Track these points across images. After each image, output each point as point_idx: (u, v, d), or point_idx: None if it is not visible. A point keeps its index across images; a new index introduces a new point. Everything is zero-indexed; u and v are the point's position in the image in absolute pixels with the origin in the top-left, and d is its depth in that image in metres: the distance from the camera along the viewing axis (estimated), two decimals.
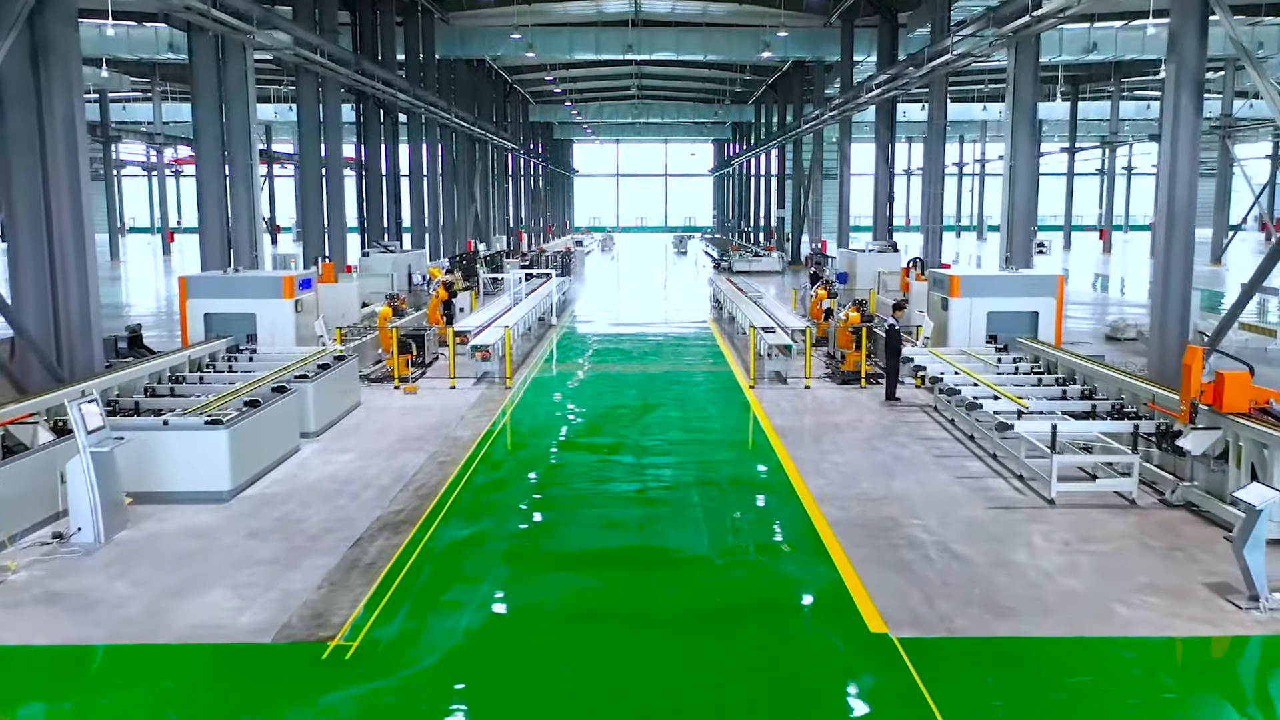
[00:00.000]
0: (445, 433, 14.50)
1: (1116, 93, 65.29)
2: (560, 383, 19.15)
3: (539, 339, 24.84)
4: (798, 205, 53.00)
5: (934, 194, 27.49)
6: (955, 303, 16.76)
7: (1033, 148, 21.27)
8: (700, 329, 27.12)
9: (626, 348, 23.62)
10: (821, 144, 47.26)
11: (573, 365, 21.24)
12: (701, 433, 14.79)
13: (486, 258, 39.29)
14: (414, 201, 38.85)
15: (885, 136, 33.97)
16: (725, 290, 29.16)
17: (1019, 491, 11.55)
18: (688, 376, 19.57)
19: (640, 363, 21.31)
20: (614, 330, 27.09)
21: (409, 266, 28.98)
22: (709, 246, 66.91)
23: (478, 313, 24.47)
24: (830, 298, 23.45)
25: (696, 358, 22.07)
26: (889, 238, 33.79)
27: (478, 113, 49.25)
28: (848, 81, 39.50)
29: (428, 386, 18.03)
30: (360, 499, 11.22)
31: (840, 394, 17.50)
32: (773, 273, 47.38)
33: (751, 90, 64.72)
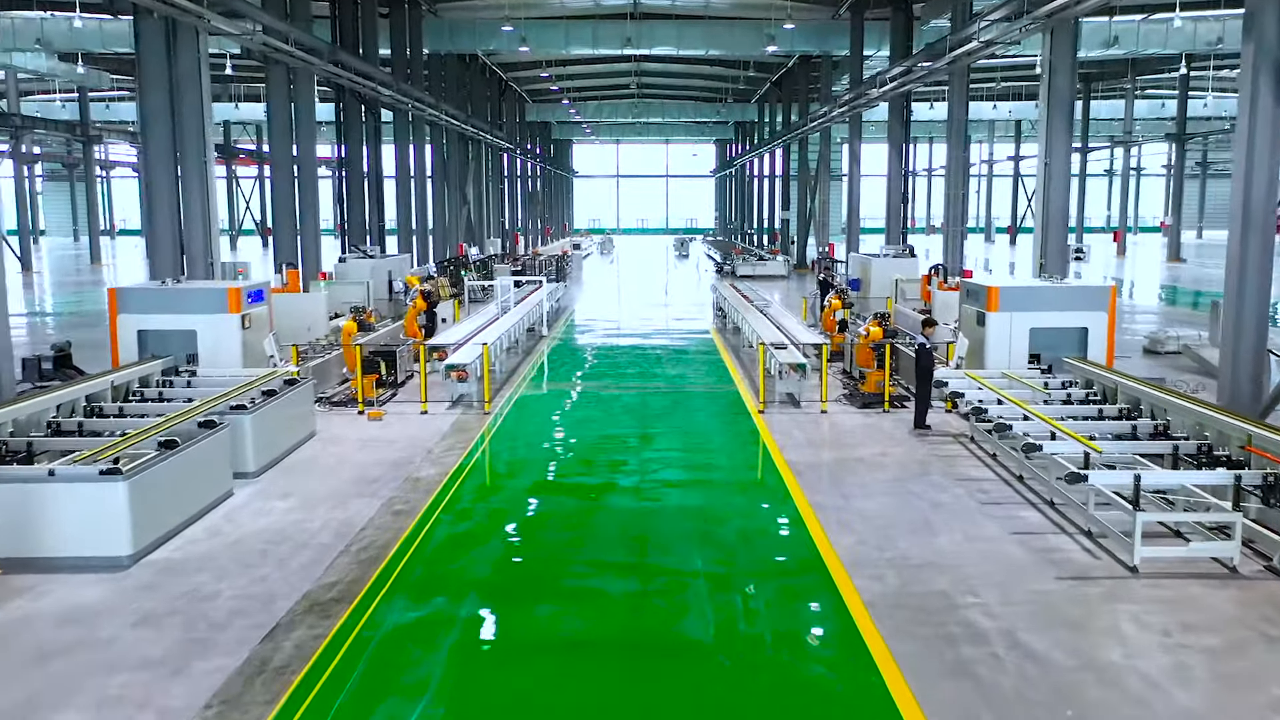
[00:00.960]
0: (408, 471, 12.50)
1: (1131, 91, 63.28)
2: (547, 406, 17.13)
3: (528, 352, 22.84)
4: (803, 207, 51.00)
5: (957, 195, 25.49)
6: (993, 318, 14.74)
7: (1069, 144, 19.27)
8: (703, 340, 25.12)
9: (623, 363, 21.60)
10: (829, 143, 45.27)
11: (563, 384, 19.23)
12: (705, 470, 12.79)
13: (476, 262, 37.30)
14: (400, 203, 36.90)
15: (899, 134, 31.97)
16: (729, 298, 27.17)
17: (1090, 554, 9.53)
18: (689, 398, 17.55)
19: (637, 381, 19.29)
20: (610, 341, 25.09)
21: (389, 273, 27.00)
22: (711, 249, 64.96)
23: (460, 324, 22.48)
24: (845, 308, 21.43)
25: (699, 375, 20.06)
26: (903, 241, 31.81)
27: (470, 111, 47.28)
28: (857, 76, 37.49)
29: (396, 411, 16.02)
30: (289, 565, 9.21)
31: (861, 420, 15.48)
32: (778, 277, 45.38)
33: (755, 88, 62.74)
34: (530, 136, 74.16)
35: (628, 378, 19.73)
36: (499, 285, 25.33)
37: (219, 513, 10.71)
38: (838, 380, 18.47)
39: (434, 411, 15.96)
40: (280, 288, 20.50)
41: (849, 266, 30.33)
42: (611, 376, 19.92)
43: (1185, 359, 21.00)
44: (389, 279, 26.80)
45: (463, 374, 16.19)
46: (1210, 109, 69.09)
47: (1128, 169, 68.09)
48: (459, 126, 41.77)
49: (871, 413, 15.98)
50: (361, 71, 28.05)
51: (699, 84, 64.84)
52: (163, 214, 18.15)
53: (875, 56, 41.31)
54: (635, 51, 41.89)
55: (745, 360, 21.45)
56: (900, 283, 23.80)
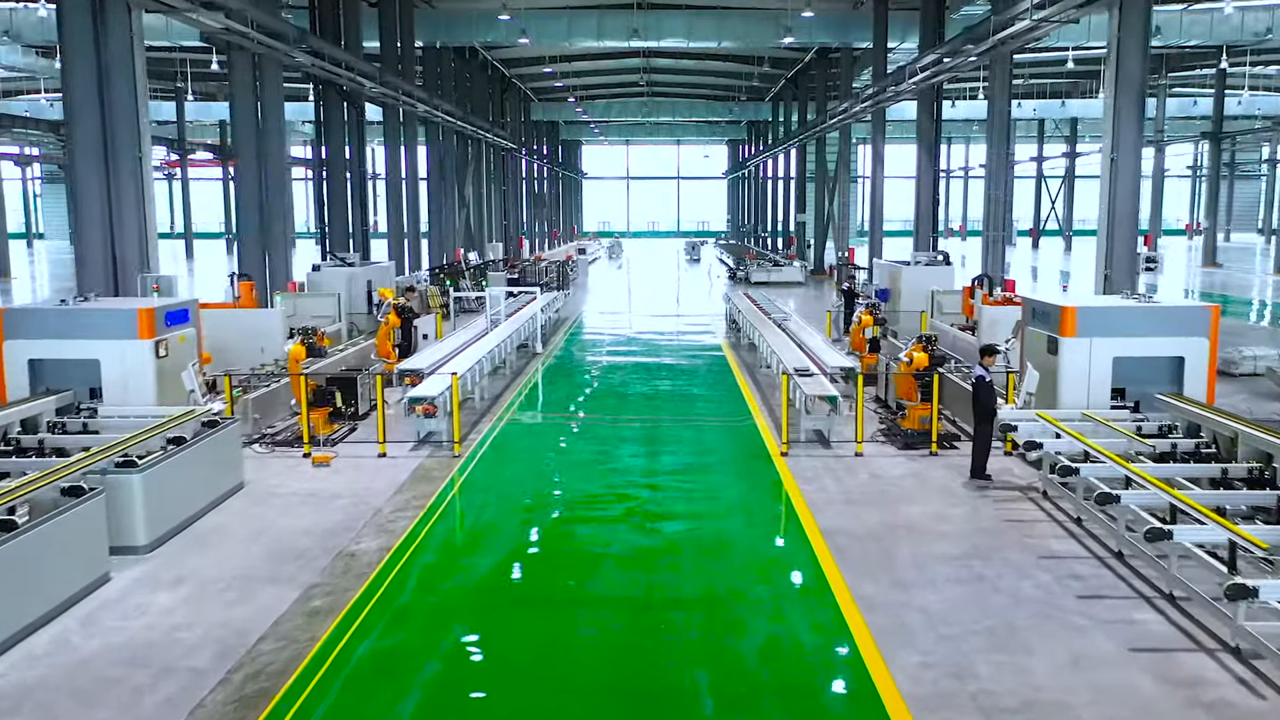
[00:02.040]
0: (344, 542, 9.94)
1: (1164, 88, 60.38)
2: (531, 446, 14.52)
3: (517, 373, 20.29)
4: (821, 209, 48.35)
5: (998, 196, 22.81)
6: (1069, 345, 12.08)
7: (1139, 137, 16.63)
8: (715, 358, 22.51)
9: (624, 387, 19.00)
10: (849, 142, 42.60)
11: (553, 415, 16.67)
12: (718, 543, 10.17)
13: (470, 269, 34.74)
14: (391, 206, 34.45)
15: (929, 131, 29.30)
16: (744, 310, 24.57)
17: (1248, 687, 6.90)
18: (700, 435, 14.93)
19: (640, 413, 16.68)
20: (611, 360, 22.50)
21: (369, 283, 24.48)
22: (723, 253, 62.33)
23: (442, 342, 19.94)
24: (876, 324, 18.82)
25: (711, 403, 17.45)
26: (934, 247, 29.12)
27: (470, 109, 44.82)
28: (881, 69, 34.84)
29: (350, 454, 13.48)
30: (139, 709, 6.67)
31: (905, 466, 12.86)
32: (794, 284, 42.75)
33: (769, 86, 60.10)
34: (536, 137, 71.69)
35: (628, 407, 17.13)
36: (490, 296, 22.76)
37: (80, 611, 8.18)
38: (872, 411, 15.84)
39: (394, 454, 13.40)
40: (232, 302, 18.01)
41: (874, 274, 27.68)
42: (610, 406, 17.32)
43: (1268, 383, 18.32)
44: (369, 289, 24.27)
45: (430, 408, 13.63)
46: (1243, 107, 66.21)
47: (1160, 170, 65.09)
48: (455, 124, 39.29)
49: (916, 455, 13.35)
50: (340, 61, 25.58)
51: (711, 81, 62.25)
52: (92, 219, 15.71)
53: (899, 49, 38.70)
54: (643, 44, 39.32)
55: (763, 383, 18.86)
56: (937, 295, 21.15)
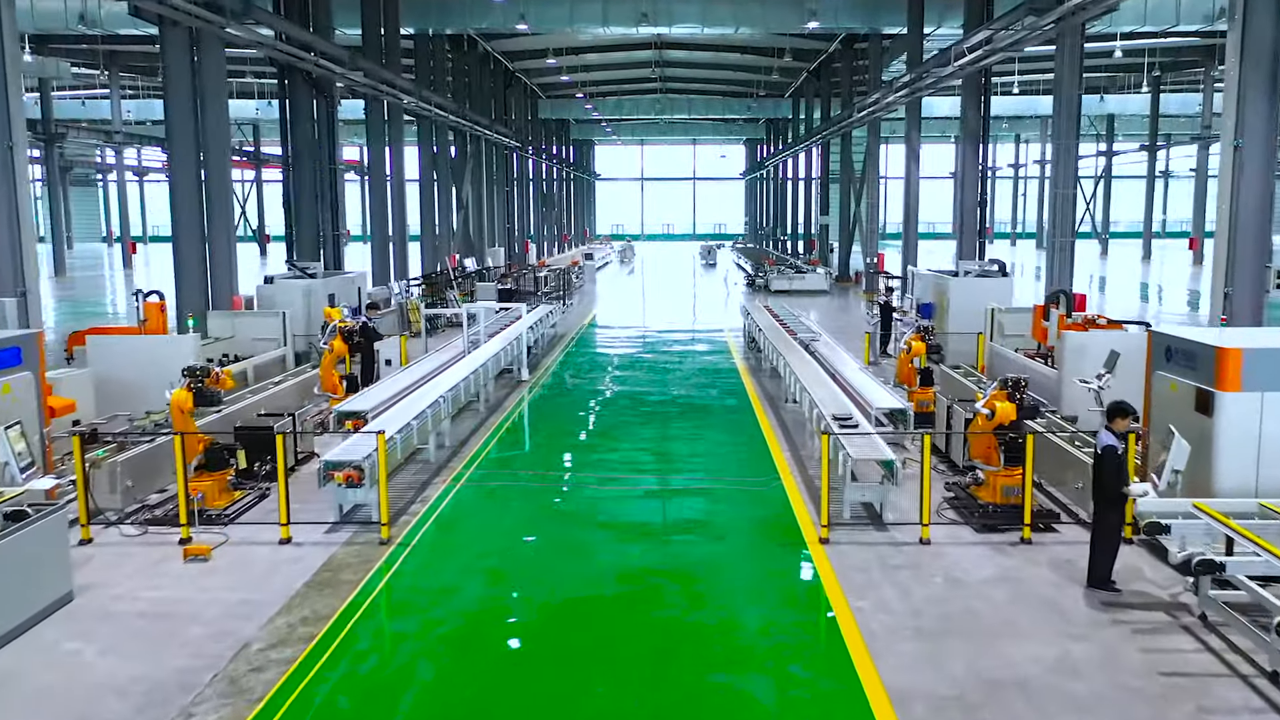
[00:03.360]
0: (169, 715, 6.61)
1: (1209, 81, 56.49)
2: (489, 526, 11.02)
3: (494, 408, 16.92)
4: (846, 211, 44.83)
5: (1066, 196, 19.30)
6: (1232, 402, 8.62)
7: (1273, 118, 13.10)
8: (732, 386, 19.10)
9: (620, 431, 15.54)
10: (878, 137, 39.09)
11: (526, 474, 13.26)
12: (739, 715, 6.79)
13: (458, 279, 31.41)
14: (374, 209, 31.24)
15: (975, 122, 25.79)
16: (765, 327, 21.14)
17: None
18: (713, 509, 11.46)
19: (638, 467, 13.27)
20: (610, 390, 19.12)
21: (332, 298, 21.22)
22: (741, 258, 58.85)
23: (404, 370, 16.62)
24: (930, 352, 15.36)
25: (729, 456, 13.97)
26: (981, 253, 25.62)
27: (469, 104, 41.58)
28: (916, 55, 31.35)
29: (244, 539, 10.12)
30: None
31: (991, 562, 9.41)
32: (818, 293, 39.25)
33: (790, 80, 56.59)
34: (545, 135, 68.46)
35: (625, 460, 13.73)
36: (466, 313, 19.41)
37: None
38: (933, 468, 12.37)
39: (303, 539, 10.03)
40: (136, 327, 14.73)
41: (915, 286, 24.17)
42: (601, 459, 13.92)
43: None
44: (330, 304, 21.00)
45: (354, 476, 10.28)
46: None
47: (1204, 169, 61.28)
48: (449, 119, 36.03)
49: (1003, 542, 9.90)
50: (305, 44, 22.36)
51: (728, 76, 58.82)
52: None
53: (934, 35, 35.15)
54: (654, 30, 35.98)
55: (790, 422, 15.45)
56: (997, 314, 17.64)
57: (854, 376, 15.41)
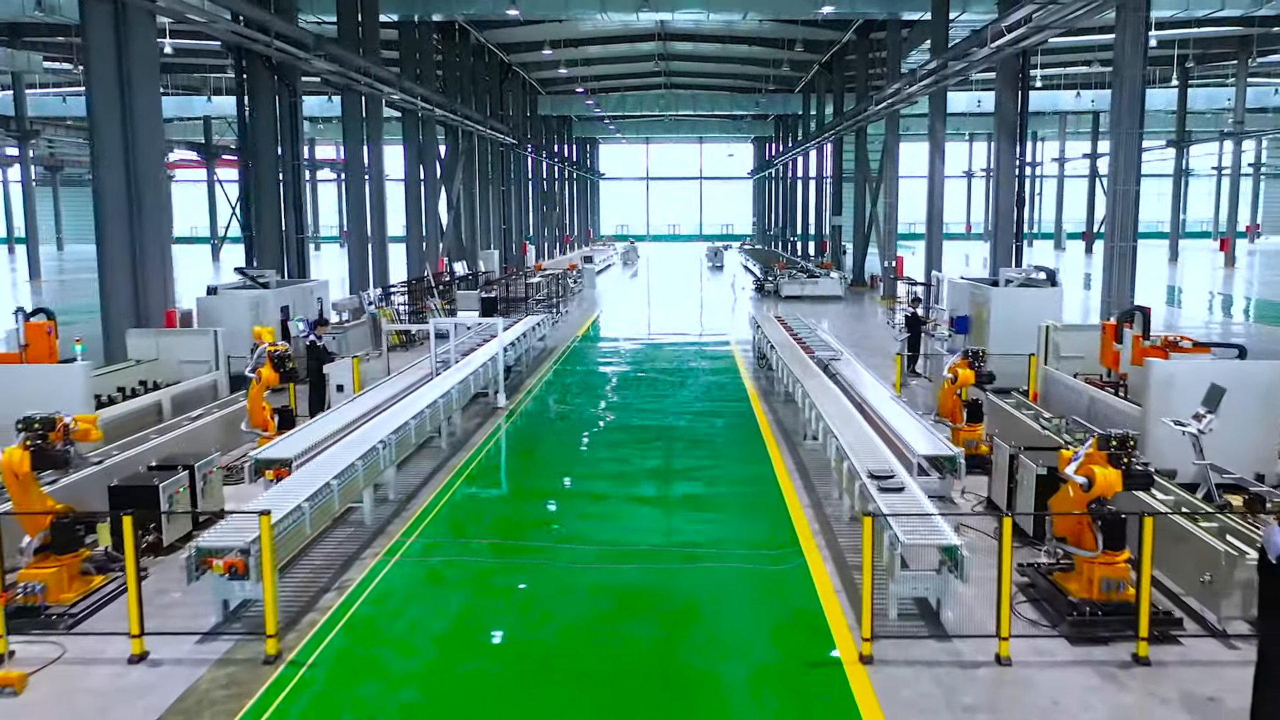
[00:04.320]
0: None
1: (1243, 74, 53.70)
2: (416, 637, 8.26)
3: (458, 445, 14.37)
4: (861, 211, 42.21)
5: (1127, 193, 16.68)
6: None
7: None
8: (740, 415, 16.53)
9: (605, 483, 12.91)
10: (897, 132, 36.44)
11: (481, 546, 10.67)
12: None
13: (439, 286, 28.83)
14: (352, 209, 28.75)
15: (1010, 112, 23.15)
16: (778, 343, 18.54)
17: None
18: (720, 607, 8.81)
19: (626, 535, 10.70)
20: (599, 421, 16.55)
21: (285, 310, 18.72)
22: (749, 259, 56.19)
23: (356, 399, 14.08)
24: (982, 382, 12.76)
25: (739, 520, 11.34)
26: (1019, 259, 23.00)
27: (460, 97, 39.06)
28: (941, 40, 28.77)
29: (85, 652, 7.58)
30: None
31: (1100, 699, 6.80)
32: (832, 298, 36.63)
33: (800, 74, 53.99)
34: (546, 133, 65.90)
35: (606, 519, 11.16)
36: (433, 330, 16.85)
37: None
38: (992, 535, 9.80)
39: (166, 652, 7.49)
40: (14, 354, 12.21)
41: (946, 295, 21.55)
42: (576, 522, 11.34)
43: None
44: (284, 318, 18.51)
45: (237, 564, 7.73)
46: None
47: (1238, 165, 58.57)
48: (435, 113, 33.50)
49: (1110, 661, 7.31)
50: (258, 23, 19.87)
51: (735, 69, 56.20)
52: None
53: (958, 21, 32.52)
54: (655, 17, 33.49)
55: (809, 464, 12.89)
56: (1052, 332, 15.03)
57: (886, 408, 12.84)
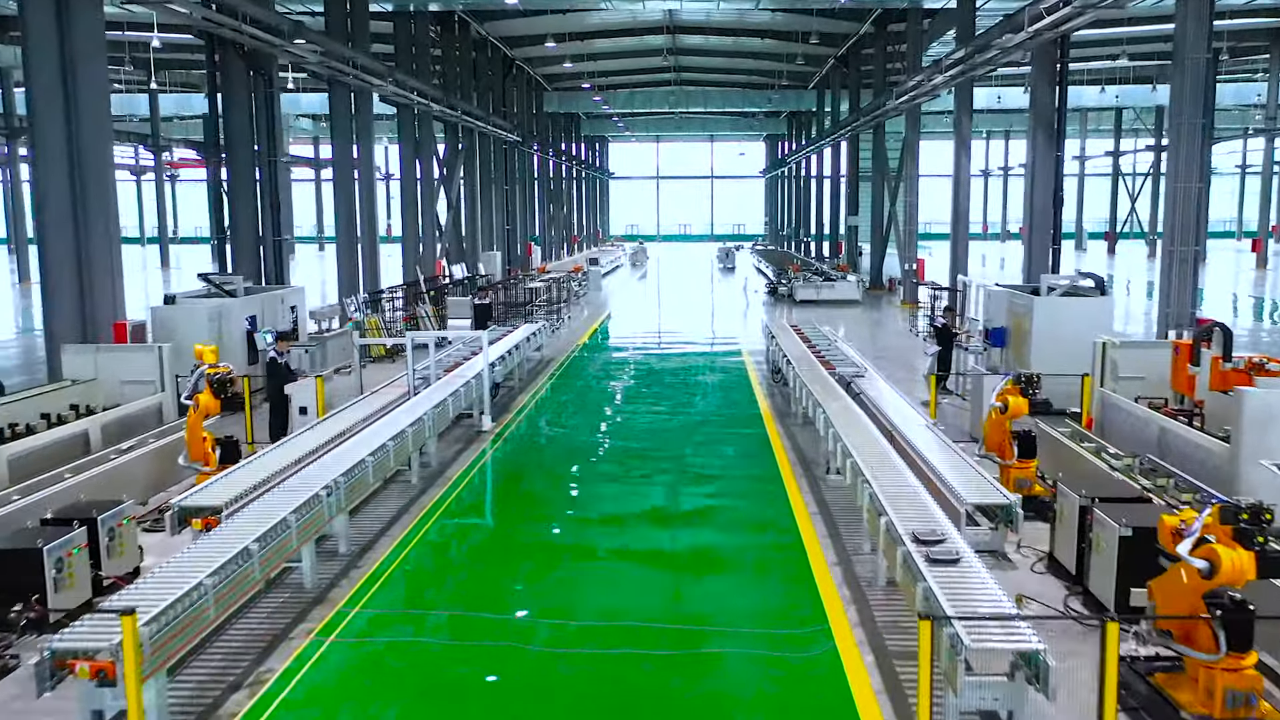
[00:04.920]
0: None
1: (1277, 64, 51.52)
2: None
3: (430, 480, 12.62)
4: (879, 211, 40.36)
5: (1188, 191, 14.82)
6: None
7: None
8: (755, 443, 14.75)
9: (597, 528, 11.12)
10: (918, 127, 34.57)
11: (439, 622, 8.89)
12: None
13: (431, 291, 27.07)
14: (340, 209, 27.05)
15: (1047, 105, 21.27)
16: (794, 357, 16.73)
17: None
18: (728, 716, 7.09)
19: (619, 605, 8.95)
20: (593, 449, 14.81)
21: (252, 321, 17.02)
22: (761, 261, 54.33)
23: (318, 425, 12.35)
24: (1034, 409, 10.93)
25: (754, 583, 9.57)
26: (1056, 263, 21.13)
27: (462, 93, 37.36)
28: (968, 29, 26.95)
29: None
30: None
31: None
32: (849, 303, 34.79)
33: (814, 69, 52.10)
34: (553, 131, 64.19)
35: (596, 583, 9.42)
36: (410, 344, 15.11)
37: None
38: (1063, 610, 8.01)
39: None
40: None
41: (979, 303, 19.69)
42: (559, 588, 9.57)
43: None
44: (250, 330, 16.81)
45: (105, 668, 6.00)
46: None
47: (1270, 162, 56.38)
48: (431, 108, 31.82)
49: None
50: (225, 5, 18.16)
51: (747, 65, 54.30)
52: None
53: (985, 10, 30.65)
54: (663, 6, 31.66)
55: (833, 506, 11.11)
56: (1110, 349, 13.20)
57: (921, 439, 11.04)
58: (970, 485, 9.35)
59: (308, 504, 8.90)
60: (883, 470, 9.77)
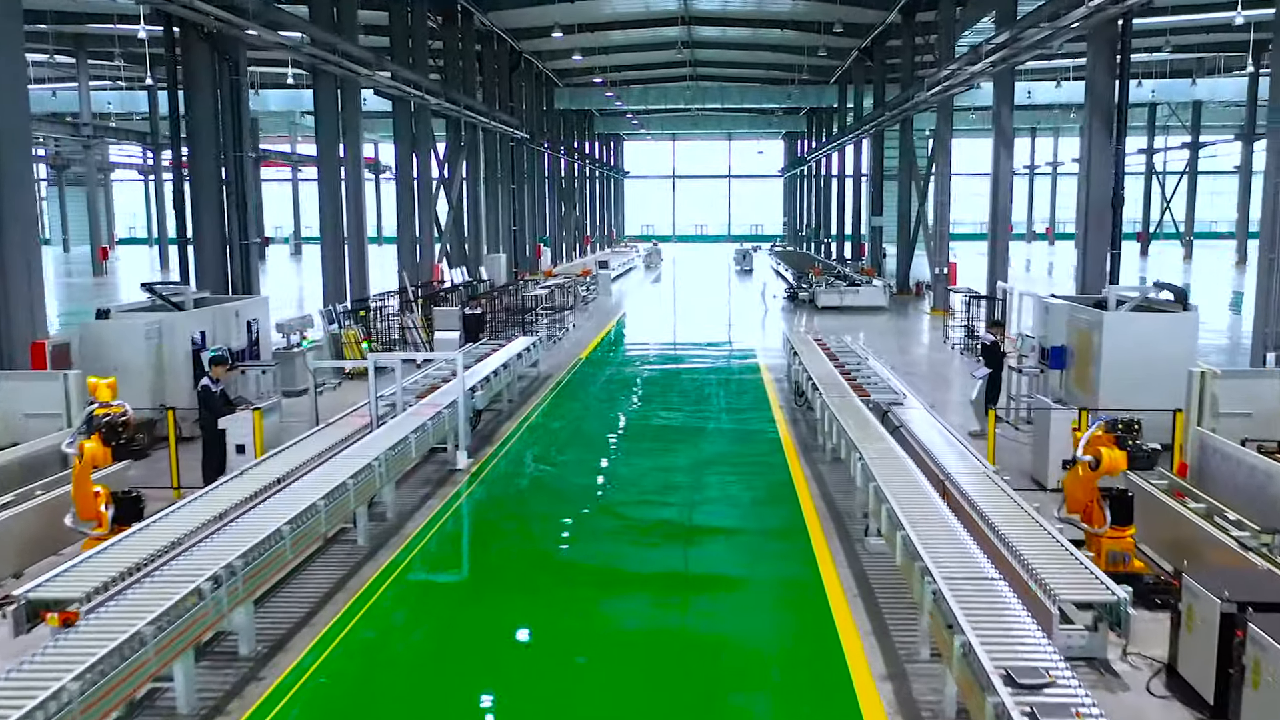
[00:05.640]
0: None
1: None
2: None
3: (381, 542, 10.43)
4: (906, 211, 37.97)
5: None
6: None
7: None
8: (775, 482, 12.52)
9: (577, 626, 8.87)
10: (950, 122, 32.18)
11: None
12: None
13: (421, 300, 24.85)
14: (325, 209, 24.97)
15: (1106, 92, 18.89)
16: (821, 379, 14.49)
17: None
18: None
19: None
20: (582, 501, 12.62)
21: (198, 339, 14.89)
22: (780, 263, 51.96)
23: (248, 471, 10.20)
24: (1135, 463, 8.61)
25: (775, 713, 7.41)
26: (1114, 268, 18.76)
27: (464, 86, 35.24)
28: (1008, 12, 24.59)
29: None
30: None
31: None
32: (875, 309, 32.44)
33: (837, 63, 49.62)
34: (565, 128, 62.00)
35: (580, 701, 7.23)
36: (372, 367, 12.96)
37: None
38: None
39: None
40: None
41: (1022, 313, 17.30)
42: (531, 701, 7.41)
43: None
44: (195, 348, 14.67)
45: None
46: None
47: None
48: (428, 101, 29.70)
49: None
50: None
51: (766, 59, 51.99)
52: None
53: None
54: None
55: (873, 578, 8.87)
56: (1209, 380, 10.90)
57: (985, 497, 8.84)
58: (1062, 571, 7.17)
59: (191, 596, 6.75)
60: (944, 549, 7.53)
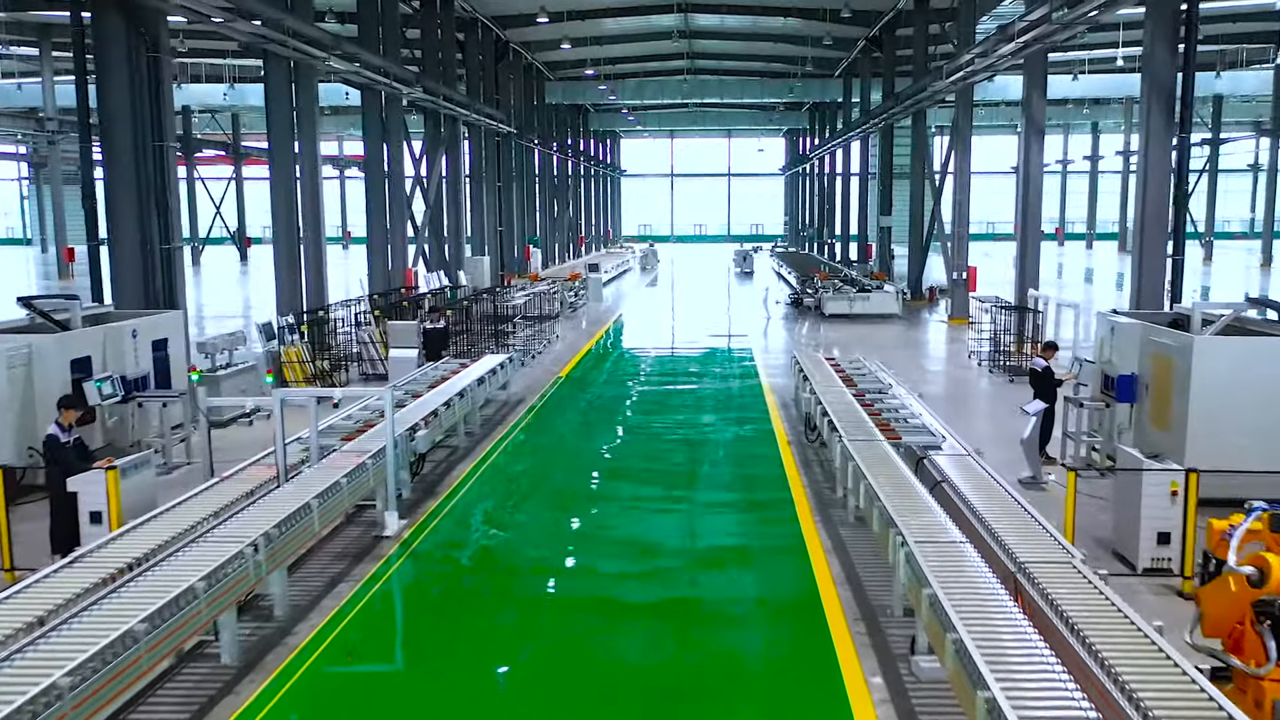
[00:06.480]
0: None
1: None
2: None
3: (259, 656, 7.82)
4: (919, 211, 35.34)
5: None
6: None
7: None
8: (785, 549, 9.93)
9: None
10: (970, 113, 29.55)
11: None
12: None
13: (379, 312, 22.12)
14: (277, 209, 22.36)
15: (1166, 74, 16.27)
16: (838, 414, 11.91)
17: None
18: None
19: None
20: (543, 581, 10.00)
21: (87, 363, 12.23)
22: (781, 264, 49.34)
23: (92, 554, 7.59)
24: None
25: None
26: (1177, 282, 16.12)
27: (443, 78, 32.60)
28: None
29: None
30: None
31: None
32: (887, 318, 29.84)
33: (842, 54, 46.95)
34: (557, 124, 59.33)
35: None
36: (280, 406, 10.31)
37: None
38: None
39: None
40: None
41: (1100, 342, 14.50)
42: None
43: None
44: (77, 378, 12.02)
45: None
46: None
47: None
48: (398, 89, 27.06)
49: None
50: None
51: (767, 50, 49.36)
52: None
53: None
54: None
55: (920, 701, 6.26)
56: None
57: (1075, 603, 6.25)
58: None
59: None
60: (1021, 674, 4.92)
